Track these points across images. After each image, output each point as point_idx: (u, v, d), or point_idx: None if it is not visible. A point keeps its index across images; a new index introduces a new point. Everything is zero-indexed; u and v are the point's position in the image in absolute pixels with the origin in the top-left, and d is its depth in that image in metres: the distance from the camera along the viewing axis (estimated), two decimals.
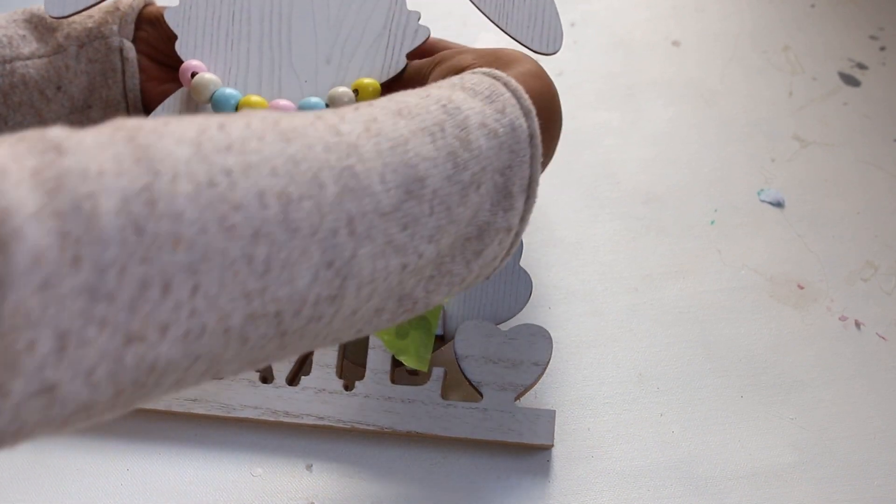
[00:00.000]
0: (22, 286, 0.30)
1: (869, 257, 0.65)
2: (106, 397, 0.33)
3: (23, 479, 0.55)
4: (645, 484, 0.56)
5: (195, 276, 0.33)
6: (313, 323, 0.38)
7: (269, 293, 0.35)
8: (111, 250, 0.31)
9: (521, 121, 0.44)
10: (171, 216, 0.33)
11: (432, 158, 0.41)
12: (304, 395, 0.56)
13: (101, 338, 0.31)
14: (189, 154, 0.34)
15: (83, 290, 0.31)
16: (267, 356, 0.38)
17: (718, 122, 0.71)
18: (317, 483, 0.55)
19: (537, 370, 0.56)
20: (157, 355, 0.33)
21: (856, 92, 0.73)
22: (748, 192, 0.68)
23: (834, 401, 0.59)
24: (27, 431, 0.32)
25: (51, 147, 0.32)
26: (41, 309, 0.30)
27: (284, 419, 0.56)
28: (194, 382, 0.37)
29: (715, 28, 0.77)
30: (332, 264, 0.37)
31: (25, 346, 0.30)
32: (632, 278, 0.64)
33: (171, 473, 0.56)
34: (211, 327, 0.34)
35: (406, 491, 0.55)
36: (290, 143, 0.37)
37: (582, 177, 0.68)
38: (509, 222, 0.45)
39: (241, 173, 0.35)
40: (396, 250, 0.39)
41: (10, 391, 0.30)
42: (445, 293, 0.45)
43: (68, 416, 0.33)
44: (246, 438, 0.57)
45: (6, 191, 0.30)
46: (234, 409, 0.56)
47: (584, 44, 0.76)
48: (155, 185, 0.33)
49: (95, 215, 0.31)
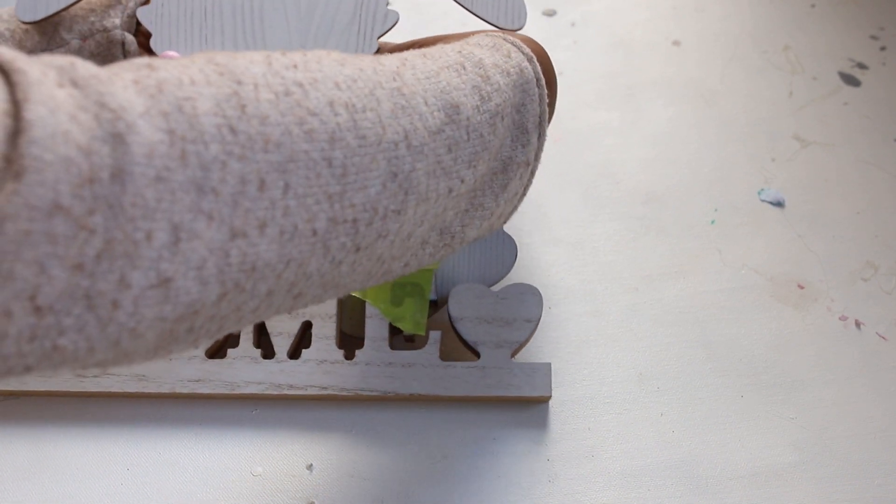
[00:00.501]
0: (139, 177, 0.32)
1: (869, 257, 0.65)
2: (212, 298, 0.35)
3: (23, 479, 0.55)
4: (645, 484, 0.56)
5: (285, 174, 0.36)
6: (380, 240, 0.41)
7: (347, 198, 0.38)
8: (213, 147, 0.34)
9: (525, 64, 0.48)
10: (259, 118, 0.35)
11: (462, 89, 0.44)
12: (306, 368, 0.57)
13: (209, 231, 0.34)
14: (263, 70, 0.37)
15: (191, 184, 0.33)
16: (339, 280, 0.41)
17: (719, 122, 0.71)
18: (317, 483, 0.55)
19: (530, 326, 0.57)
20: (257, 254, 0.35)
21: (856, 92, 0.73)
22: (748, 192, 0.68)
23: (834, 400, 0.59)
24: (142, 330, 0.33)
25: (143, 65, 0.35)
26: (156, 201, 0.32)
27: (288, 392, 0.56)
28: (280, 301, 0.39)
29: (715, 28, 0.77)
30: (396, 176, 0.40)
31: (144, 237, 0.32)
32: (632, 278, 0.64)
33: (171, 473, 0.56)
34: (301, 228, 0.36)
35: (406, 480, 0.55)
36: (344, 66, 0.40)
37: (582, 177, 0.68)
38: (527, 156, 0.49)
39: (310, 85, 0.38)
40: (444, 172, 0.43)
41: (130, 283, 0.32)
42: (477, 228, 0.48)
43: (178, 318, 0.34)
44: (247, 434, 0.57)
45: (116, 92, 0.32)
46: (238, 387, 0.56)
47: (584, 44, 0.76)
48: (241, 91, 0.35)
49: (195, 115, 0.34)
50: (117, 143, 0.31)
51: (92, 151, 0.31)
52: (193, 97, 0.34)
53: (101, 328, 0.32)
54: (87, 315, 0.32)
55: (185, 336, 0.36)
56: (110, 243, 0.31)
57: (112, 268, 0.32)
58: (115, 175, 0.31)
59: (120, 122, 0.32)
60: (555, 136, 0.70)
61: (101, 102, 0.32)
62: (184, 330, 0.35)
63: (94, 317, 0.32)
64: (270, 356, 0.58)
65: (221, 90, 0.35)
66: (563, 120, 0.71)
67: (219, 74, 0.36)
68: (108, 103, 0.32)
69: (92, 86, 0.32)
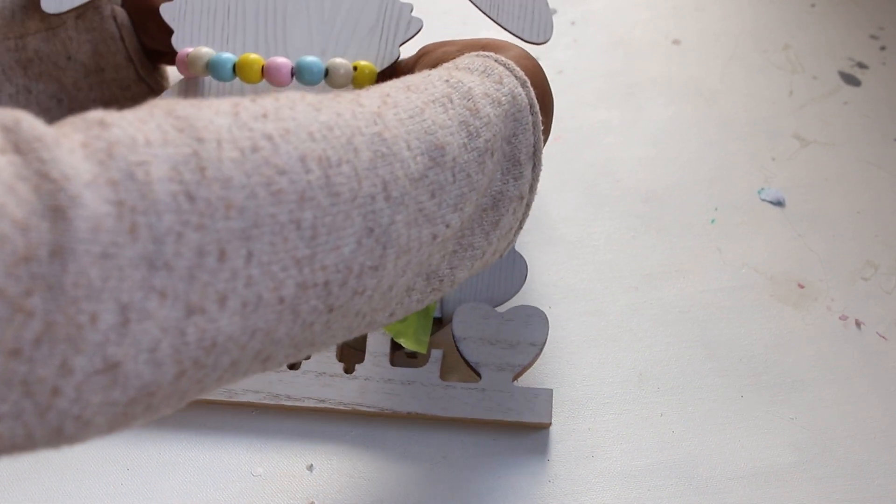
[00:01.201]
0: (83, 255, 0.29)
1: (869, 257, 0.65)
2: (167, 378, 0.33)
3: (23, 479, 0.55)
4: (645, 484, 0.56)
5: (248, 242, 0.33)
6: (357, 297, 0.38)
7: (318, 260, 0.36)
8: (167, 218, 0.31)
9: (519, 90, 0.46)
10: (221, 181, 0.33)
11: (448, 127, 0.42)
12: (304, 379, 0.57)
13: (163, 310, 0.31)
14: (229, 122, 0.35)
15: (142, 260, 0.31)
16: (313, 339, 0.39)
17: (718, 121, 0.71)
18: (317, 483, 0.55)
19: (534, 350, 0.57)
20: (217, 329, 0.33)
21: (856, 91, 0.73)
22: (748, 191, 0.68)
23: (834, 400, 0.59)
24: (88, 416, 0.32)
25: (94, 123, 0.32)
26: (102, 280, 0.30)
27: (286, 402, 0.56)
28: (247, 368, 0.37)
29: (715, 27, 0.77)
30: (372, 231, 0.37)
31: (88, 320, 0.30)
32: (632, 277, 0.64)
33: (171, 473, 0.56)
34: (266, 297, 0.34)
35: (406, 480, 0.55)
36: (320, 112, 0.38)
37: (582, 175, 0.68)
38: (520, 190, 0.46)
39: (280, 138, 0.35)
40: (427, 219, 0.41)
41: (72, 368, 0.30)
42: (468, 269, 0.46)
43: (130, 401, 0.32)
44: (247, 434, 0.57)
45: (60, 159, 0.30)
46: (236, 394, 0.56)
47: (584, 43, 0.76)
48: (201, 151, 0.33)
49: (148, 183, 0.31)
50: (58, 217, 0.29)
51: (29, 227, 0.29)
52: (147, 161, 0.31)
53: (40, 415, 0.30)
54: (24, 402, 0.30)
55: (142, 414, 0.34)
56: (50, 326, 0.29)
57: (53, 352, 0.29)
58: (55, 253, 0.29)
59: (62, 194, 0.29)
60: (555, 135, 0.70)
61: (43, 172, 0.30)
62: (140, 410, 0.33)
63: (32, 403, 0.30)
64: None
65: (180, 150, 0.32)
66: (563, 119, 0.71)
67: (178, 131, 0.33)
68: (50, 172, 0.30)
69: (35, 151, 0.30)
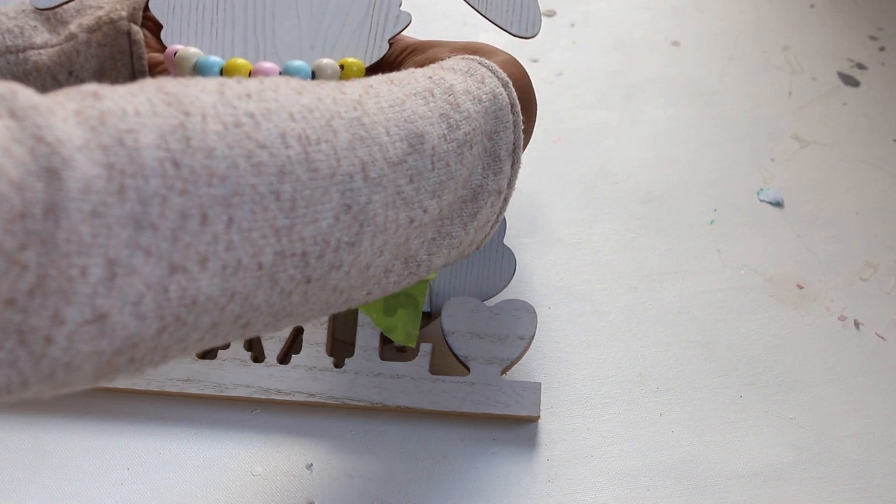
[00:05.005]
0: (74, 213, 0.31)
1: (868, 257, 0.65)
2: (150, 332, 0.35)
3: (23, 479, 0.55)
4: (644, 484, 0.56)
5: (229, 209, 0.35)
6: (334, 271, 0.40)
7: (296, 231, 0.38)
8: (153, 182, 0.33)
9: (500, 90, 0.48)
10: (205, 151, 0.35)
11: (428, 118, 0.44)
12: (294, 374, 0.57)
13: (147, 267, 0.33)
14: (214, 100, 0.37)
15: (129, 219, 0.33)
16: (291, 310, 0.40)
17: (718, 122, 0.71)
18: (317, 483, 0.56)
19: (522, 344, 0.57)
20: (197, 288, 0.35)
21: (855, 92, 0.73)
22: (748, 192, 0.68)
23: (833, 400, 0.59)
24: (78, 363, 0.33)
25: (88, 94, 0.34)
26: (91, 236, 0.32)
27: (276, 397, 0.56)
28: (227, 332, 0.38)
29: (715, 28, 0.77)
30: (350, 208, 0.40)
31: (79, 273, 0.32)
32: (631, 278, 0.64)
33: (171, 473, 0.56)
34: (245, 262, 0.36)
35: (406, 479, 0.55)
36: (301, 95, 0.40)
37: (581, 177, 0.68)
38: (499, 185, 0.48)
39: (262, 116, 0.37)
40: (405, 202, 0.42)
41: (64, 319, 0.32)
42: (445, 256, 0.48)
43: (115, 351, 0.34)
44: (246, 433, 0.57)
45: (54, 125, 0.32)
46: (226, 389, 0.56)
47: (584, 44, 0.76)
48: (187, 123, 0.35)
49: (137, 148, 0.33)
50: (52, 178, 0.31)
51: (25, 186, 0.31)
52: (136, 129, 0.34)
53: (34, 363, 0.32)
54: (19, 350, 0.32)
55: (126, 366, 0.36)
56: (43, 279, 0.31)
57: (45, 303, 0.31)
58: (49, 211, 0.31)
59: (55, 157, 0.31)
60: (554, 136, 0.70)
61: (38, 136, 0.32)
62: (124, 361, 0.35)
63: (27, 351, 0.32)
64: (261, 359, 0.58)
65: (167, 121, 0.35)
66: (563, 120, 0.71)
67: (166, 105, 0.35)
68: (45, 136, 0.32)
69: (30, 117, 0.32)
